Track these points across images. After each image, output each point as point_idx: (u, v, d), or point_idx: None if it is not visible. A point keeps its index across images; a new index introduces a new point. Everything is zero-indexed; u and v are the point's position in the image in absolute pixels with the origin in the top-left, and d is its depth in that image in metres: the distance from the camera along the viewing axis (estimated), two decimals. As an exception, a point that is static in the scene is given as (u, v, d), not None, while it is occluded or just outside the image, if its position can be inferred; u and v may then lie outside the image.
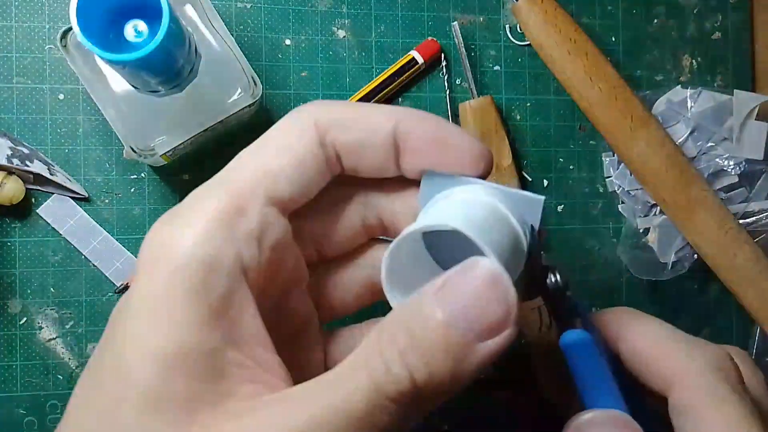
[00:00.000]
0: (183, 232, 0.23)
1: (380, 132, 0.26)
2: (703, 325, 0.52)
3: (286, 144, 0.26)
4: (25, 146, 0.42)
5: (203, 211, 0.24)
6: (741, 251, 0.47)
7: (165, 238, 0.23)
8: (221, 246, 0.23)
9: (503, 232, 0.25)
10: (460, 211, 0.25)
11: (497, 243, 0.24)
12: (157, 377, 0.21)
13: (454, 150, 0.26)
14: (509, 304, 0.21)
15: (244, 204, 0.24)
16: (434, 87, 0.48)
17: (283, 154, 0.26)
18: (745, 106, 0.50)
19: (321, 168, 0.26)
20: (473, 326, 0.21)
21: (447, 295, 0.22)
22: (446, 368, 0.21)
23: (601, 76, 0.47)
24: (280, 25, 0.46)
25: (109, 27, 0.34)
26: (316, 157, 0.26)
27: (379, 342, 0.21)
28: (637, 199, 0.50)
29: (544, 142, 0.50)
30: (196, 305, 0.22)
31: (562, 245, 0.49)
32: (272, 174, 0.25)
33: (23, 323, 0.42)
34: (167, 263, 0.23)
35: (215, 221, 0.23)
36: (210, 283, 0.23)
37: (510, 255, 0.25)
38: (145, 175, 0.44)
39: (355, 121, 0.26)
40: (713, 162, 0.49)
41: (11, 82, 0.42)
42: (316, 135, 0.26)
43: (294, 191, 0.26)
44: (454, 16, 0.49)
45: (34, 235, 0.43)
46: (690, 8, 0.53)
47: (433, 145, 0.26)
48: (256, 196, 0.25)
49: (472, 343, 0.21)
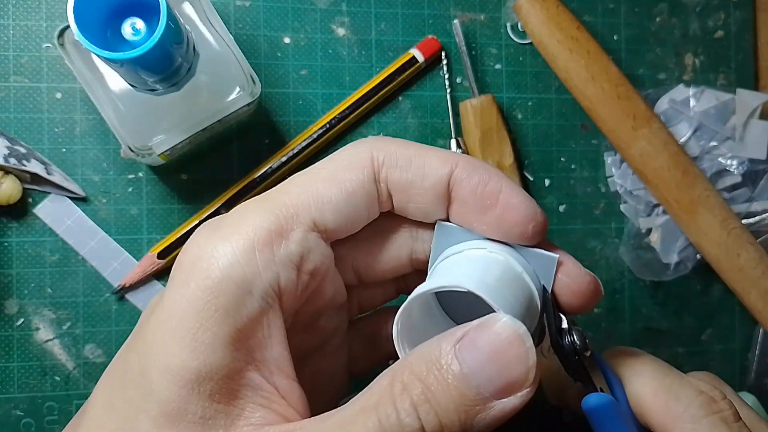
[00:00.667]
0: (223, 248, 0.23)
1: (433, 176, 0.26)
2: (706, 326, 0.52)
3: (339, 174, 0.25)
4: (22, 145, 0.42)
5: (246, 228, 0.24)
6: (744, 251, 0.47)
7: (204, 251, 0.23)
8: (258, 268, 0.23)
9: (517, 292, 0.24)
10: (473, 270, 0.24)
11: (510, 303, 0.23)
12: (176, 394, 0.21)
13: (503, 209, 0.25)
14: (529, 364, 0.21)
15: (288, 227, 0.24)
16: (435, 85, 0.48)
17: (334, 183, 0.25)
18: (748, 105, 0.49)
19: (371, 203, 0.26)
20: (490, 383, 0.21)
21: (466, 348, 0.21)
22: (458, 423, 0.21)
23: (603, 75, 0.47)
24: (279, 23, 0.46)
25: (106, 25, 0.34)
26: (367, 192, 0.26)
27: (392, 388, 0.21)
28: (639, 199, 0.50)
29: (545, 141, 0.50)
30: (225, 326, 0.22)
31: (564, 245, 0.49)
32: (320, 201, 0.25)
33: (20, 324, 0.42)
34: (202, 279, 0.23)
35: (256, 242, 0.23)
36: (241, 305, 0.23)
37: (524, 314, 0.24)
38: (142, 174, 0.44)
39: (410, 162, 0.26)
40: (716, 161, 0.49)
41: (8, 80, 0.42)
42: (371, 170, 0.26)
43: (340, 221, 0.25)
44: (455, 14, 0.48)
45: (31, 235, 0.42)
46: (692, 6, 0.53)
47: (481, 199, 0.26)
48: (301, 221, 0.24)
49: (488, 401, 0.21)
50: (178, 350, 0.22)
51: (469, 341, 0.21)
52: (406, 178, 0.26)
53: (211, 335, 0.22)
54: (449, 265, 0.26)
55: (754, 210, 0.49)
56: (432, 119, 0.48)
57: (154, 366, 0.22)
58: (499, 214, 0.25)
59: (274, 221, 0.24)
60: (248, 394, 0.22)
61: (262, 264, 0.23)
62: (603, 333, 0.50)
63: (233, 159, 0.45)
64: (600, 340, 0.50)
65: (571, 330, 0.26)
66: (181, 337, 0.22)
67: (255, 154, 0.45)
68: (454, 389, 0.21)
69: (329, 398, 0.30)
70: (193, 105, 0.38)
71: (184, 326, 0.22)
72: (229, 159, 0.45)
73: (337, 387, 0.31)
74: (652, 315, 0.51)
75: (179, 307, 0.22)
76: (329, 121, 0.45)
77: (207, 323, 0.22)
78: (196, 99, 0.38)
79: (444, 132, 0.48)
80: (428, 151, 0.26)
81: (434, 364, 0.21)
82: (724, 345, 0.52)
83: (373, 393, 0.22)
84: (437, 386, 0.21)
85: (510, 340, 0.21)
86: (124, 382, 0.23)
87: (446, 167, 0.25)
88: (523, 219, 0.25)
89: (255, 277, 0.23)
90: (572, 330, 0.26)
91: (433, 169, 0.26)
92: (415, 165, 0.26)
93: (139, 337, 0.24)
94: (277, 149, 0.45)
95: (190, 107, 0.38)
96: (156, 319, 0.23)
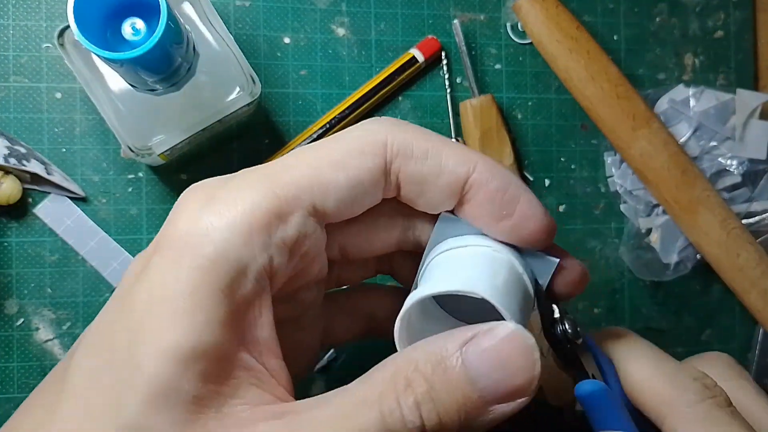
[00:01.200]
0: (219, 225, 0.22)
1: (449, 175, 0.25)
2: (706, 326, 0.52)
3: (348, 159, 0.24)
4: (22, 145, 0.42)
5: (243, 205, 0.23)
6: (744, 251, 0.47)
7: (197, 227, 0.22)
8: (254, 250, 0.23)
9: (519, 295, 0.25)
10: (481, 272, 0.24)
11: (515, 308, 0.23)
12: (169, 374, 0.21)
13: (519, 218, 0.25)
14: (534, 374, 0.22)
15: (288, 210, 0.23)
16: (434, 85, 0.48)
17: (342, 169, 0.24)
18: (748, 105, 0.49)
19: (376, 192, 0.25)
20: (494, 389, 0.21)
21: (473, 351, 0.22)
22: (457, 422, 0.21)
23: (602, 75, 0.47)
24: (279, 23, 0.46)
25: (106, 25, 0.34)
26: (375, 182, 0.25)
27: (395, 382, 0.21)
28: (639, 199, 0.50)
29: (545, 141, 0.50)
30: (219, 306, 0.22)
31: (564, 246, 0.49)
32: (324, 186, 0.24)
33: (20, 324, 0.42)
34: (197, 256, 0.22)
35: (254, 222, 0.23)
36: (236, 286, 0.22)
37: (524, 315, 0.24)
38: (142, 174, 0.44)
39: (427, 155, 0.25)
40: (716, 161, 0.49)
41: (8, 80, 0.42)
42: (382, 160, 0.25)
43: (340, 208, 0.25)
44: (455, 14, 0.48)
45: (31, 235, 0.42)
46: (692, 6, 0.53)
47: (499, 208, 0.25)
48: (301, 205, 0.24)
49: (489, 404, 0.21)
50: (171, 329, 0.21)
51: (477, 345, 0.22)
52: (420, 173, 0.25)
53: (206, 315, 0.21)
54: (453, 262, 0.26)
55: (754, 210, 0.49)
56: (432, 119, 0.48)
57: (146, 344, 0.21)
58: (515, 224, 0.25)
59: (274, 202, 0.23)
60: (241, 375, 0.22)
61: (259, 246, 0.23)
62: (603, 333, 0.50)
63: (233, 159, 0.45)
64: (600, 340, 0.50)
65: (563, 319, 0.26)
66: (175, 317, 0.21)
67: (255, 154, 0.45)
68: (459, 391, 0.21)
69: (301, 366, 0.30)
70: (193, 105, 0.38)
71: (178, 305, 0.21)
72: (229, 159, 0.45)
73: (309, 356, 0.31)
74: (652, 315, 0.51)
75: (173, 286, 0.22)
76: (329, 121, 0.45)
77: (202, 303, 0.21)
78: (196, 99, 0.38)
79: (444, 132, 0.48)
80: (446, 146, 0.25)
81: (440, 364, 0.21)
82: (724, 345, 0.52)
83: (374, 384, 0.22)
84: (441, 386, 0.21)
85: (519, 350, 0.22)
86: (112, 357, 0.22)
87: (464, 167, 0.25)
88: (537, 231, 0.25)
89: (251, 259, 0.22)
90: (564, 318, 0.26)
91: (450, 167, 0.25)
92: (431, 160, 0.25)
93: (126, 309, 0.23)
94: (277, 149, 0.45)
95: (190, 107, 0.38)
96: (147, 295, 0.22)
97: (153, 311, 0.22)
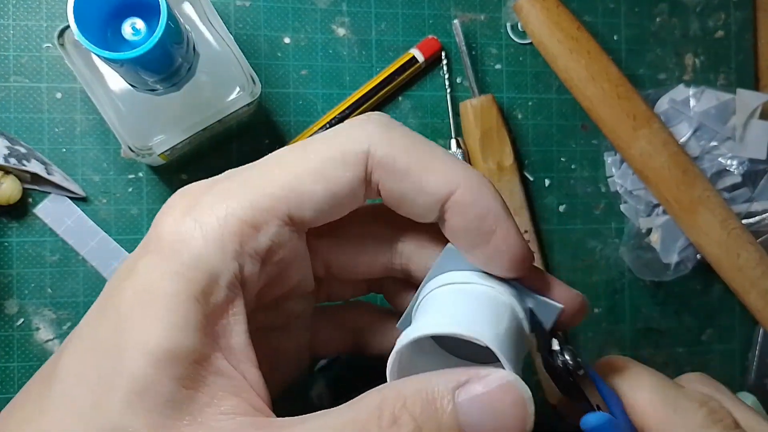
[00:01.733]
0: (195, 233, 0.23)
1: (428, 195, 0.24)
2: (706, 326, 0.52)
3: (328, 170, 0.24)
4: (22, 145, 0.42)
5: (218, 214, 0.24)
6: (744, 251, 0.47)
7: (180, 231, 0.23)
8: (228, 259, 0.23)
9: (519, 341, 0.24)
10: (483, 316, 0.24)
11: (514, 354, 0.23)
12: (147, 373, 0.21)
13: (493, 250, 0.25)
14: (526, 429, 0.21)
15: (263, 220, 0.24)
16: (435, 85, 0.48)
17: (321, 179, 0.24)
18: (749, 105, 0.49)
19: (355, 200, 0.25)
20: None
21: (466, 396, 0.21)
22: None
23: (603, 75, 0.47)
24: (280, 23, 0.46)
25: (106, 25, 0.34)
26: (354, 193, 0.25)
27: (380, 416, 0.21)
28: (639, 199, 0.50)
29: (545, 141, 0.50)
30: (195, 312, 0.22)
31: (564, 245, 0.49)
32: (301, 196, 0.24)
33: (20, 324, 0.42)
34: (176, 261, 0.23)
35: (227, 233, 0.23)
36: (209, 293, 0.23)
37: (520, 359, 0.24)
38: (142, 174, 0.44)
39: (408, 172, 0.24)
40: (716, 161, 0.49)
41: (8, 80, 0.42)
42: (362, 171, 0.24)
43: (317, 216, 0.25)
44: (455, 14, 0.48)
45: (32, 235, 0.42)
46: (693, 6, 0.53)
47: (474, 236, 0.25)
48: (276, 215, 0.24)
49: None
50: (153, 329, 0.22)
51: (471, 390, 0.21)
52: (399, 190, 0.25)
53: (183, 320, 0.22)
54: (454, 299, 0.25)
55: (754, 210, 0.49)
56: (432, 119, 0.48)
57: (128, 341, 0.22)
58: (489, 254, 0.25)
59: (248, 213, 0.24)
60: (217, 381, 0.22)
61: (230, 255, 0.23)
62: (603, 333, 0.50)
63: (233, 159, 0.45)
64: (600, 340, 0.50)
65: (562, 350, 0.26)
66: (156, 317, 0.22)
67: (255, 154, 0.44)
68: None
69: (289, 373, 0.30)
70: (193, 105, 0.38)
71: (159, 306, 0.22)
72: (229, 159, 0.45)
73: (296, 364, 0.31)
74: (652, 315, 0.51)
75: (155, 286, 0.22)
76: (329, 121, 0.45)
77: (179, 307, 0.22)
78: (197, 99, 0.38)
79: (444, 132, 0.48)
80: (432, 161, 0.25)
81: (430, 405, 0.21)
82: (724, 345, 0.52)
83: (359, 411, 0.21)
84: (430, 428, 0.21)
85: (513, 401, 0.21)
86: (97, 353, 0.22)
87: (445, 188, 0.24)
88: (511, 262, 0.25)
89: (223, 268, 0.23)
90: (564, 350, 0.26)
91: (430, 187, 0.24)
92: (412, 177, 0.24)
93: (112, 307, 0.23)
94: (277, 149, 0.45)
95: (190, 107, 0.38)
96: (133, 293, 0.23)
97: (138, 309, 0.22)
